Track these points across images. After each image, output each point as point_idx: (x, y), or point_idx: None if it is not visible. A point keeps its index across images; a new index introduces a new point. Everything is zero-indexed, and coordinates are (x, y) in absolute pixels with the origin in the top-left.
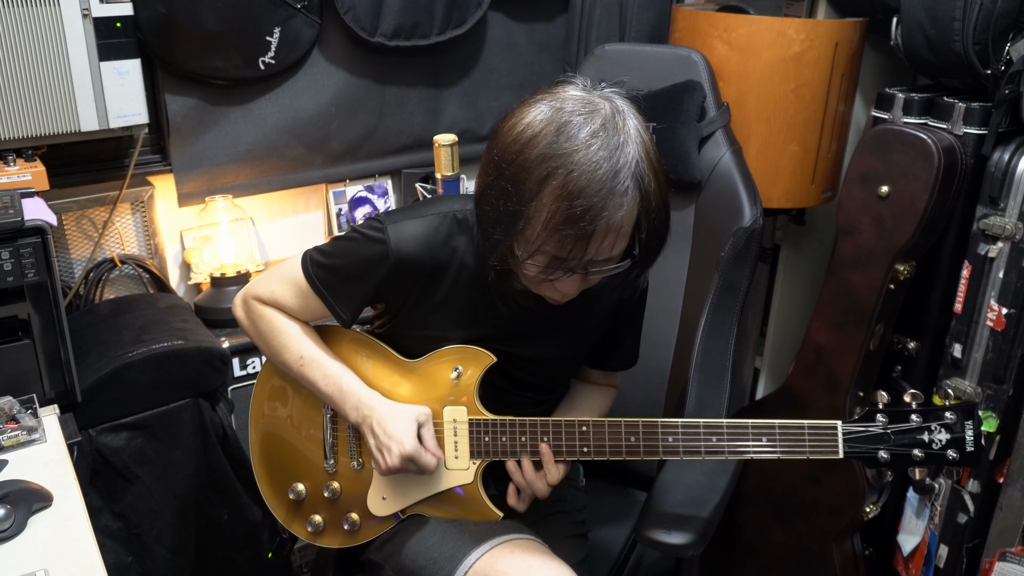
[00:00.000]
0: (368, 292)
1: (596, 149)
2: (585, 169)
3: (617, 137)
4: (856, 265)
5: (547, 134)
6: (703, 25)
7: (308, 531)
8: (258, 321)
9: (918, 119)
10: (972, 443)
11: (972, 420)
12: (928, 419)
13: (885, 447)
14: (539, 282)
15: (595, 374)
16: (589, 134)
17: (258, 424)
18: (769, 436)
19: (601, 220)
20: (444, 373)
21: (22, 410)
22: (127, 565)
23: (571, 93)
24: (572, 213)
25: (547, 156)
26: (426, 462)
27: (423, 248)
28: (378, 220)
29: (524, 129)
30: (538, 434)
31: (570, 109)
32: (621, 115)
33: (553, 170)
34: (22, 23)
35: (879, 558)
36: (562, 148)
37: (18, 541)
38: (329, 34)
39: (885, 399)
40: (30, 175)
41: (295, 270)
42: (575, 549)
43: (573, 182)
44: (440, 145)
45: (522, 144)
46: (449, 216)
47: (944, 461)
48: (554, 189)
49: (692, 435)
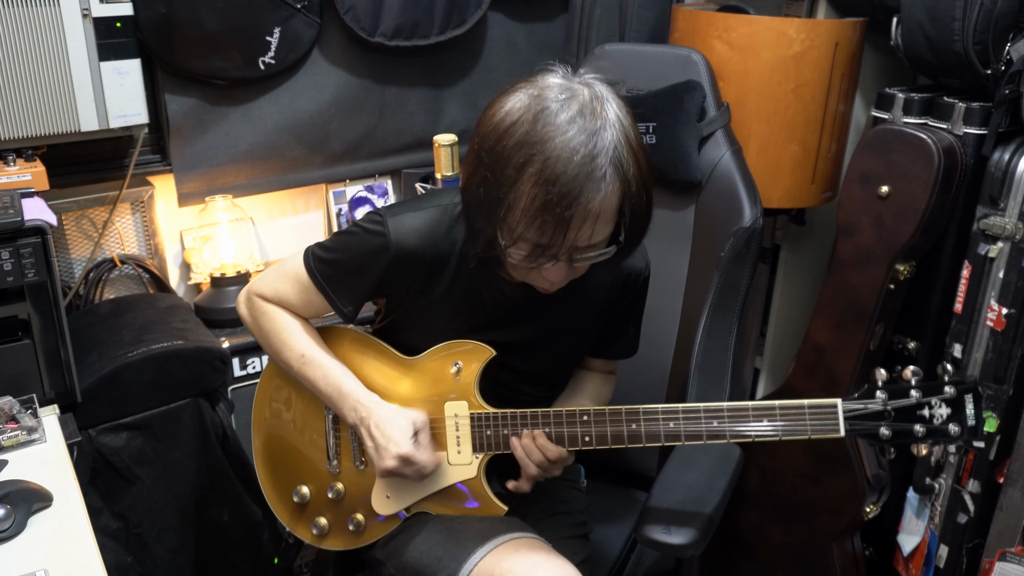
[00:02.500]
0: (370, 286)
1: (574, 134)
2: (562, 154)
3: (595, 122)
4: (856, 265)
5: (525, 121)
6: (703, 25)
7: (313, 534)
8: (261, 318)
9: (918, 119)
10: (973, 417)
11: (972, 394)
12: (928, 394)
13: (886, 424)
14: (526, 270)
15: (596, 362)
16: (566, 120)
17: (261, 428)
18: (770, 417)
19: (579, 205)
20: (444, 368)
21: (22, 410)
22: (127, 565)
23: (551, 81)
24: (550, 199)
25: (524, 143)
26: (422, 464)
27: (423, 240)
28: (378, 214)
29: (504, 117)
30: (539, 425)
31: (549, 96)
32: (600, 100)
33: (530, 156)
34: (22, 23)
35: (879, 558)
36: (539, 134)
37: (18, 541)
38: (329, 34)
39: (884, 376)
40: (30, 175)
41: (297, 266)
42: (576, 550)
43: (550, 167)
44: (440, 145)
45: (501, 132)
46: (449, 208)
47: (946, 435)
48: (532, 175)
49: (693, 419)
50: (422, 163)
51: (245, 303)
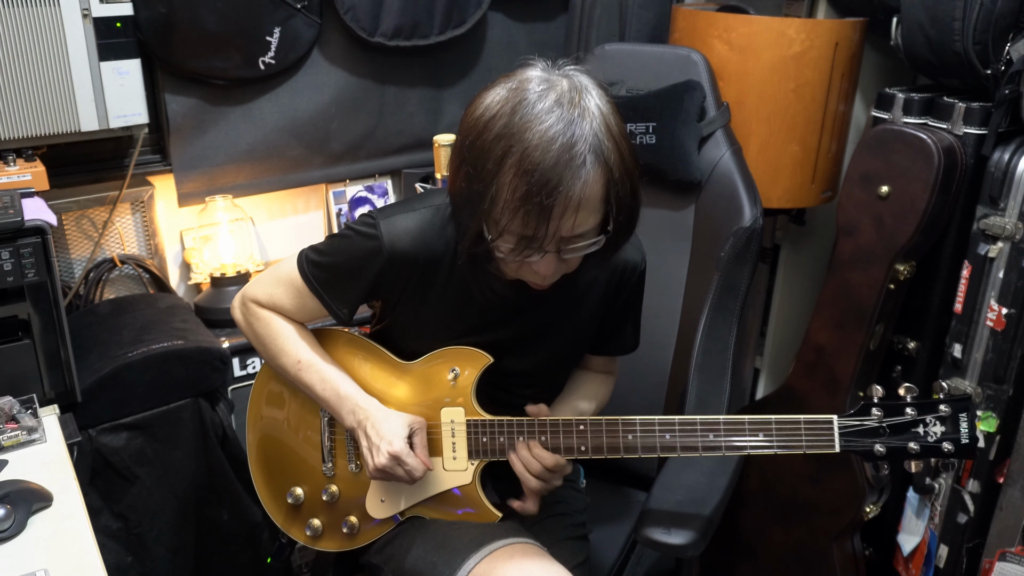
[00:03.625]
0: (364, 288)
1: (551, 123)
2: (539, 143)
3: (573, 111)
4: (856, 265)
5: (503, 114)
6: (703, 25)
7: (307, 535)
8: (256, 324)
9: (918, 119)
10: (967, 435)
11: (967, 412)
12: (923, 412)
13: (881, 441)
14: (517, 266)
15: (595, 361)
16: (544, 109)
17: (255, 429)
18: (766, 431)
19: (559, 193)
20: (441, 374)
21: (22, 410)
22: (127, 565)
23: (530, 73)
24: (531, 188)
25: (503, 135)
26: (412, 465)
27: (416, 242)
28: (371, 216)
29: (483, 112)
30: (535, 433)
31: (527, 88)
32: (578, 90)
33: (509, 147)
34: (22, 23)
35: (879, 558)
36: (516, 125)
37: (18, 541)
38: (329, 34)
39: (880, 393)
40: (30, 175)
41: (291, 270)
42: (575, 551)
43: (528, 157)
44: (440, 145)
45: (481, 126)
46: (442, 208)
47: (939, 454)
48: (512, 166)
49: (689, 432)
50: (422, 163)
51: (240, 308)
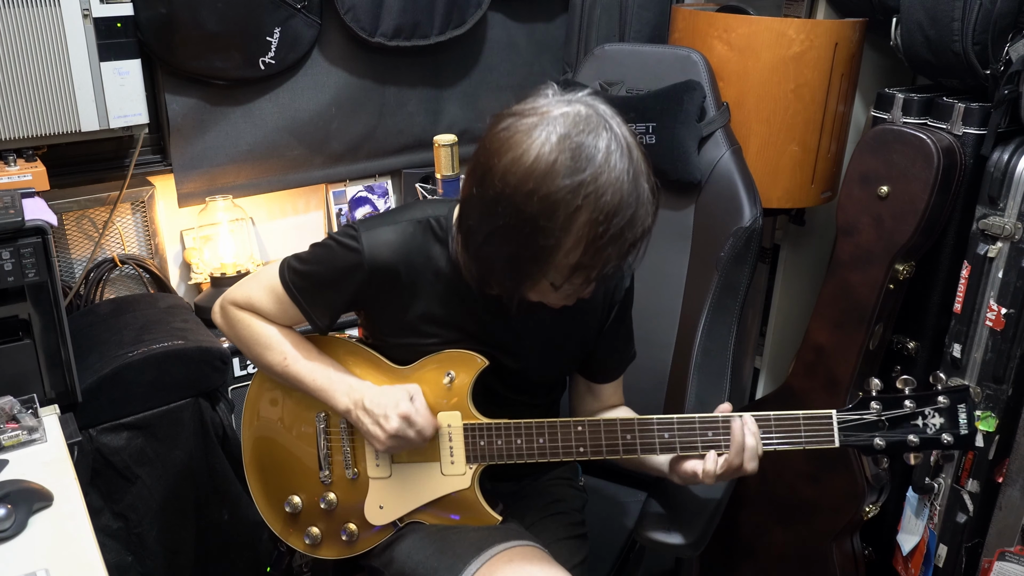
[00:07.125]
0: (344, 300)
1: (614, 164)
2: (614, 187)
3: (621, 145)
4: (856, 265)
5: (563, 162)
6: (703, 25)
7: (306, 543)
8: (237, 325)
9: (918, 119)
10: (966, 426)
11: (965, 404)
12: (922, 404)
13: (880, 434)
14: (563, 296)
15: (606, 393)
16: (604, 153)
17: (250, 438)
18: (765, 428)
19: (638, 228)
20: (436, 378)
21: (22, 410)
22: (127, 565)
23: (557, 111)
24: (613, 232)
25: (572, 186)
26: (423, 424)
27: (397, 255)
28: (353, 227)
29: (534, 163)
30: (534, 436)
31: (573, 132)
32: (605, 120)
33: (584, 197)
34: (22, 23)
35: (879, 558)
36: (585, 173)
37: (18, 541)
38: (329, 34)
39: (878, 386)
40: (30, 175)
41: (272, 277)
42: (575, 550)
43: (606, 203)
44: (440, 145)
45: (538, 178)
46: (424, 222)
47: (939, 445)
48: (588, 215)
49: (688, 430)
50: (422, 163)
51: (220, 313)
